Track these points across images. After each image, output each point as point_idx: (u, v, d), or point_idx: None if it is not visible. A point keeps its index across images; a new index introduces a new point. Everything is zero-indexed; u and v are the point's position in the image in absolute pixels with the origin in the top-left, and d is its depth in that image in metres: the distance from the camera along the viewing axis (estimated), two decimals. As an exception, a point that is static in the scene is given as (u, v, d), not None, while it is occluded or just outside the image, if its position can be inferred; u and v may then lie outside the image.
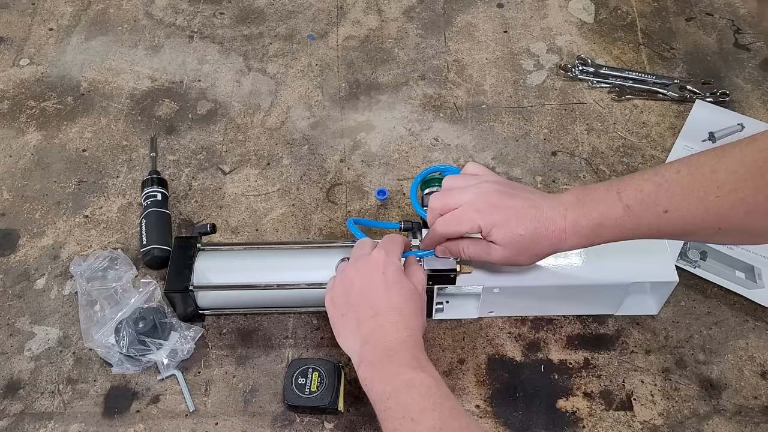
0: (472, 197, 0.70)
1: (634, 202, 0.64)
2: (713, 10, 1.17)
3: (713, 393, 0.79)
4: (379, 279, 0.69)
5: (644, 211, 0.64)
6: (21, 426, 0.78)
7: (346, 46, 1.14)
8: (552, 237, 0.68)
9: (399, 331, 0.66)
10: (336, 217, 0.95)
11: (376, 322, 0.66)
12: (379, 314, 0.67)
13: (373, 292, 0.68)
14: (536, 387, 0.80)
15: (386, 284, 0.68)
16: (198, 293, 0.81)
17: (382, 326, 0.66)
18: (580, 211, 0.67)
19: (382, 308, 0.67)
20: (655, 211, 0.63)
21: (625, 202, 0.65)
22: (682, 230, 0.64)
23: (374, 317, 0.67)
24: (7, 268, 0.91)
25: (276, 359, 0.83)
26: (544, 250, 0.70)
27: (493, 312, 0.84)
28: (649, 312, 0.84)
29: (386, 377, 0.62)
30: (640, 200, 0.64)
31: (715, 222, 0.62)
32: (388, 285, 0.68)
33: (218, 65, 1.12)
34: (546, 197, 0.70)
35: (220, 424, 0.78)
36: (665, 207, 0.63)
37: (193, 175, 0.99)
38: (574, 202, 0.67)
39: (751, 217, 0.60)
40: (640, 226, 0.65)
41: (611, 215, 0.65)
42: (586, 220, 0.66)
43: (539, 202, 0.69)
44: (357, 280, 0.70)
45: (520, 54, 1.12)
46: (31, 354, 0.84)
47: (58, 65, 1.13)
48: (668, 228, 0.64)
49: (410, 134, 1.03)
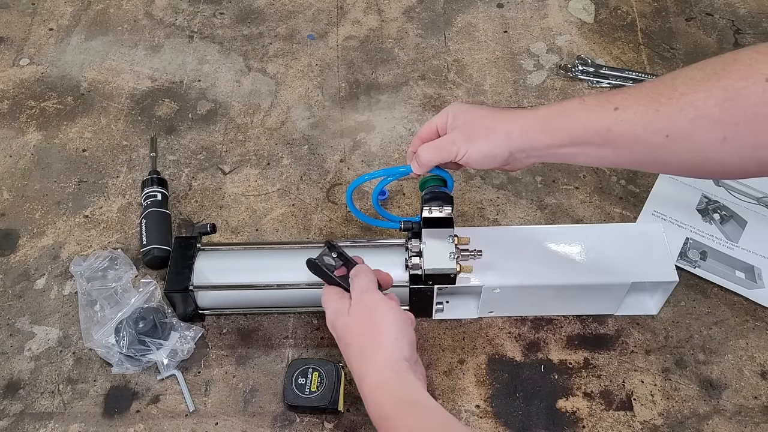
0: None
1: (589, 98, 0.66)
2: (713, 10, 1.17)
3: (713, 393, 0.79)
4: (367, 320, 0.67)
5: (597, 105, 0.65)
6: (21, 426, 0.78)
7: (346, 46, 1.14)
8: (509, 113, 0.71)
9: (360, 391, 0.64)
10: (336, 217, 0.95)
11: (359, 367, 0.65)
12: (358, 359, 0.66)
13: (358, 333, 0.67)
14: (536, 387, 0.80)
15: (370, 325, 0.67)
16: (198, 293, 0.81)
17: (364, 372, 0.64)
18: (538, 106, 0.70)
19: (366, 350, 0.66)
20: (607, 108, 0.64)
21: (583, 98, 0.67)
22: (631, 133, 0.62)
23: (358, 361, 0.66)
24: (7, 268, 0.91)
25: (276, 359, 0.83)
26: (500, 125, 0.70)
27: (493, 312, 0.84)
28: (649, 312, 0.84)
29: (374, 420, 0.62)
30: (596, 97, 0.66)
31: (663, 126, 0.60)
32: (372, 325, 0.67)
33: (218, 65, 1.12)
34: None
35: (220, 424, 0.78)
36: (617, 105, 0.63)
37: (193, 175, 0.99)
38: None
39: (698, 124, 0.58)
40: (591, 121, 0.65)
41: (566, 105, 0.67)
42: (541, 107, 0.70)
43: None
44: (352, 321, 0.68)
45: (520, 54, 1.12)
46: (31, 354, 0.84)
47: (58, 65, 1.13)
48: (618, 127, 0.63)
49: (410, 134, 1.03)
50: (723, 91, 0.56)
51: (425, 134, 0.76)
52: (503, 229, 0.89)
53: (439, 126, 0.75)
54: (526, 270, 0.80)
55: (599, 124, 0.64)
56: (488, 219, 0.93)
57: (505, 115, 0.71)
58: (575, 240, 0.82)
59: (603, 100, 0.64)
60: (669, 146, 0.61)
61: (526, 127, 0.69)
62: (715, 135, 0.57)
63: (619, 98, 0.63)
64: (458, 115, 0.73)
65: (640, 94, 0.62)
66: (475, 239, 0.79)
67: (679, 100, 0.59)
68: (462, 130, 0.72)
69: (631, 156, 0.65)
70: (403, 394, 0.61)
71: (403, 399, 0.60)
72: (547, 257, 0.81)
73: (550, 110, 0.69)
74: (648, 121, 0.61)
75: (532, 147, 0.69)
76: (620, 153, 0.65)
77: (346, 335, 0.67)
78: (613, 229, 0.84)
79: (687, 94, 0.59)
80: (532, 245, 0.82)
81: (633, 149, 0.64)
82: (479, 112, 0.72)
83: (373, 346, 0.64)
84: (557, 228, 0.84)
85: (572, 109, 0.66)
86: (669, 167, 0.66)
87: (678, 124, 0.59)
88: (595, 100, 0.65)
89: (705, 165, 0.61)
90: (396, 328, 0.65)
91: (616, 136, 0.63)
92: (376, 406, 0.61)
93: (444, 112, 0.74)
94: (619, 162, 0.67)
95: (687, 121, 0.59)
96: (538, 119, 0.69)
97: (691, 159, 0.61)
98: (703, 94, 0.58)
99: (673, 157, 0.62)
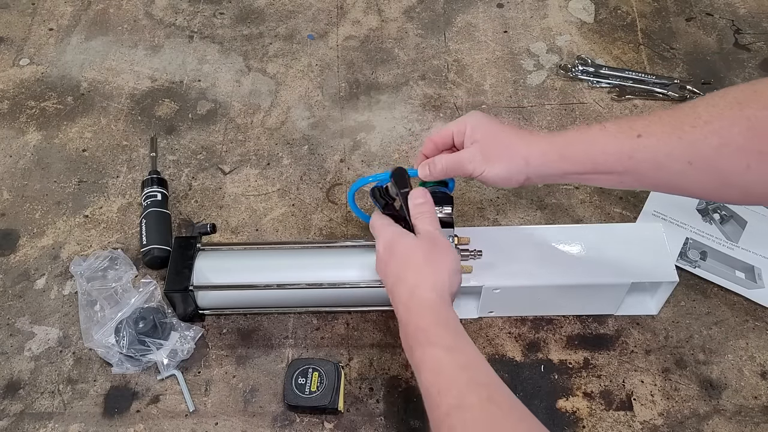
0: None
1: (611, 124, 0.67)
2: (713, 10, 1.17)
3: (713, 393, 0.79)
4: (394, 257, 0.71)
5: (619, 132, 0.65)
6: (21, 426, 0.78)
7: (346, 46, 1.14)
8: (527, 135, 0.71)
9: (403, 304, 0.67)
10: (336, 217, 0.95)
11: (413, 283, 0.68)
12: (391, 291, 0.69)
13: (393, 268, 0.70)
14: (536, 387, 0.80)
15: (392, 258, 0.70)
16: (198, 293, 0.81)
17: (396, 303, 0.68)
18: (561, 130, 0.71)
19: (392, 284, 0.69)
20: (630, 135, 0.64)
21: (603, 124, 0.67)
22: (654, 160, 0.63)
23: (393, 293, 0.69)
24: (7, 268, 0.91)
25: (276, 359, 0.83)
26: (519, 149, 0.70)
27: (493, 312, 0.84)
28: (649, 312, 0.84)
29: (408, 355, 0.64)
30: (617, 124, 0.66)
31: (686, 154, 0.61)
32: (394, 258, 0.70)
33: (218, 65, 1.12)
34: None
35: (220, 424, 0.78)
36: (640, 132, 0.64)
37: (193, 175, 0.99)
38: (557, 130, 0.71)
39: (722, 152, 0.59)
40: (612, 148, 0.65)
41: (588, 131, 0.67)
42: (564, 132, 0.71)
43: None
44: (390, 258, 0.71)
45: (520, 54, 1.12)
46: (31, 354, 0.84)
47: (58, 65, 1.13)
48: (640, 154, 0.64)
49: (410, 134, 1.03)
50: (747, 120, 0.58)
51: (439, 139, 0.76)
52: (503, 229, 0.88)
53: (456, 134, 0.74)
54: (526, 270, 0.79)
55: (621, 151, 0.65)
56: (488, 219, 0.93)
57: (524, 139, 0.70)
58: (575, 240, 0.82)
59: (625, 127, 0.65)
60: (691, 173, 0.62)
61: (545, 154, 0.69)
62: (738, 162, 0.59)
63: (641, 125, 0.64)
64: (477, 127, 0.72)
65: (662, 121, 0.63)
66: (475, 239, 0.79)
67: (702, 128, 0.60)
68: (480, 148, 0.72)
69: (651, 182, 0.67)
70: (443, 315, 0.64)
71: (442, 319, 0.64)
72: (547, 257, 0.81)
73: (570, 136, 0.69)
74: (671, 148, 0.62)
75: (550, 173, 0.70)
76: (641, 179, 0.66)
77: (408, 255, 0.69)
78: (613, 229, 0.84)
79: (710, 122, 0.60)
80: (532, 245, 0.82)
81: (654, 175, 0.65)
82: (498, 131, 0.72)
83: (432, 270, 0.67)
84: (557, 228, 0.84)
85: (593, 136, 0.67)
86: (690, 192, 0.66)
87: (701, 152, 0.60)
88: (617, 126, 0.66)
89: (727, 191, 0.63)
90: (454, 267, 0.69)
91: (637, 162, 0.64)
92: (417, 317, 0.64)
93: (462, 121, 0.74)
94: (637, 186, 0.69)
95: (711, 149, 0.60)
96: (557, 146, 0.69)
97: (713, 185, 0.62)
98: (726, 122, 0.59)
99: (695, 184, 0.63)
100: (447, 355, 0.60)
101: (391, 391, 0.80)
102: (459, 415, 0.56)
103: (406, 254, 0.69)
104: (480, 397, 0.57)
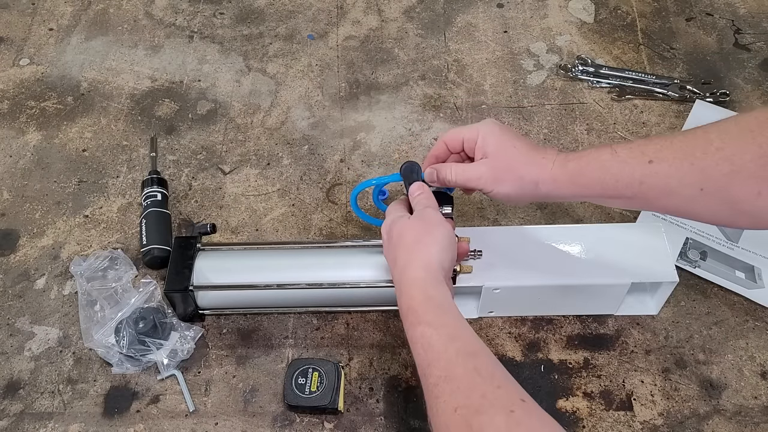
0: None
1: (621, 148, 0.67)
2: (713, 10, 1.17)
3: (713, 393, 0.79)
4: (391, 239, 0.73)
5: (630, 157, 0.66)
6: (21, 426, 0.78)
7: (346, 46, 1.14)
8: (539, 159, 0.70)
9: (396, 284, 0.68)
10: (336, 217, 0.95)
11: (403, 263, 0.69)
12: (391, 273, 0.71)
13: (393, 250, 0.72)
14: (536, 387, 0.80)
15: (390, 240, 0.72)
16: (198, 293, 0.81)
17: (406, 266, 0.69)
18: (572, 152, 0.71)
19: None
20: (641, 160, 0.65)
21: (614, 148, 0.67)
22: (665, 186, 0.64)
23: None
24: (7, 268, 0.91)
25: (276, 359, 0.83)
26: (529, 173, 0.71)
27: (493, 312, 0.84)
28: (649, 312, 0.84)
29: (407, 335, 0.65)
30: (628, 148, 0.66)
31: (697, 180, 0.62)
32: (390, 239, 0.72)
33: (218, 65, 1.12)
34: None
35: (220, 424, 0.78)
36: (651, 157, 0.64)
37: (193, 175, 0.99)
38: (570, 152, 0.72)
39: (734, 179, 0.60)
40: (623, 173, 0.66)
41: (598, 156, 0.68)
42: (575, 156, 0.70)
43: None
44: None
45: (520, 54, 1.12)
46: (31, 354, 0.84)
47: (58, 65, 1.13)
48: (651, 180, 0.64)
49: (410, 134, 1.03)
50: (759, 147, 0.58)
51: (451, 142, 0.76)
52: (503, 229, 0.88)
53: (466, 140, 0.74)
54: (526, 270, 0.79)
55: (632, 176, 0.65)
56: (488, 219, 0.93)
57: (535, 162, 0.70)
58: (575, 240, 0.82)
59: (636, 152, 0.65)
60: (702, 199, 0.62)
61: (555, 179, 0.70)
62: (750, 189, 0.59)
63: (653, 150, 0.64)
64: (489, 140, 0.72)
65: (673, 146, 0.64)
66: (475, 239, 0.79)
67: (714, 154, 0.60)
68: (489, 166, 0.72)
69: (661, 206, 0.67)
70: (433, 293, 0.65)
71: (432, 297, 0.65)
72: (547, 257, 0.81)
73: (581, 161, 0.69)
74: (683, 174, 0.62)
75: (559, 196, 0.71)
76: (650, 204, 0.67)
77: (400, 236, 0.70)
78: (613, 229, 0.84)
79: (722, 149, 0.60)
80: (532, 245, 0.82)
81: (664, 201, 0.65)
82: (510, 148, 0.72)
83: (421, 248, 0.68)
84: (557, 228, 0.84)
85: (604, 162, 0.67)
86: (699, 218, 0.67)
87: (713, 178, 0.61)
88: (628, 151, 0.66)
89: (737, 218, 0.63)
90: (445, 242, 0.69)
91: (648, 188, 0.65)
92: (407, 298, 0.65)
93: (475, 129, 0.74)
94: (646, 209, 0.69)
95: (722, 176, 0.60)
96: (569, 172, 0.69)
97: (723, 212, 0.63)
98: (738, 149, 0.59)
99: (705, 210, 0.64)
100: (435, 331, 0.62)
101: (391, 391, 0.80)
102: (445, 385, 0.58)
103: (398, 236, 0.71)
104: (466, 368, 0.59)
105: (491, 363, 0.59)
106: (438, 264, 0.67)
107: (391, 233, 0.72)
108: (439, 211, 0.73)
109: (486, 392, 0.56)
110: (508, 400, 0.55)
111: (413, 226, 0.71)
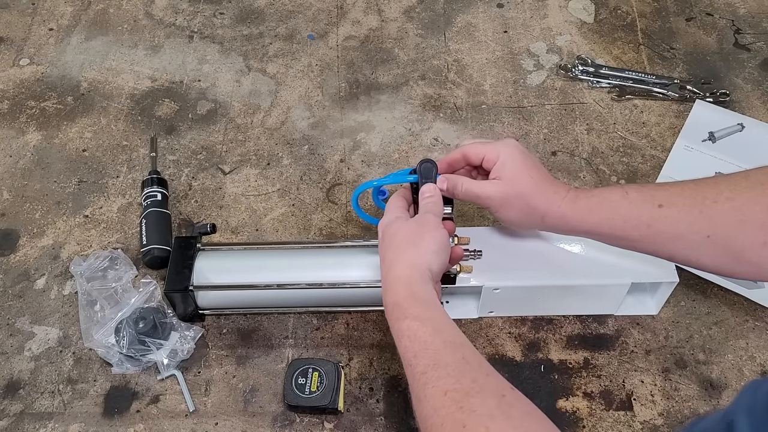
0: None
1: (632, 191, 0.68)
2: (713, 10, 1.17)
3: (713, 393, 0.79)
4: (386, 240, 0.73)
5: (640, 201, 0.67)
6: (21, 426, 0.78)
7: (346, 46, 1.14)
8: (551, 194, 0.71)
9: (383, 281, 0.69)
10: (336, 217, 0.95)
11: (392, 260, 0.69)
12: (393, 255, 0.71)
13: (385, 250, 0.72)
14: (536, 387, 0.80)
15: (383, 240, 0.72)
16: (198, 293, 0.81)
17: (394, 264, 0.69)
18: (583, 189, 0.72)
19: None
20: (651, 204, 0.66)
21: (625, 189, 0.68)
22: (673, 230, 0.65)
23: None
24: (7, 268, 0.91)
25: (276, 359, 0.83)
26: (538, 205, 0.71)
27: (493, 312, 0.84)
28: (649, 312, 0.84)
29: (392, 332, 0.66)
30: (639, 191, 0.68)
31: (705, 227, 0.63)
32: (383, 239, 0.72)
33: (218, 65, 1.12)
34: None
35: (220, 424, 0.78)
36: (661, 201, 0.65)
37: (193, 175, 0.99)
38: (581, 189, 0.73)
39: (742, 228, 0.61)
40: (632, 215, 0.67)
41: (609, 196, 0.69)
42: (585, 194, 0.71)
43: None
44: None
45: (520, 54, 1.12)
46: (31, 354, 0.84)
47: (58, 65, 1.13)
48: (659, 224, 0.65)
49: (410, 134, 1.03)
50: None
51: (473, 156, 0.75)
52: (503, 229, 0.88)
53: (486, 158, 0.74)
54: (526, 270, 0.79)
55: (640, 219, 0.66)
56: (488, 219, 0.93)
57: (546, 195, 0.71)
58: (575, 240, 0.82)
59: (647, 195, 0.67)
60: (708, 246, 0.63)
61: (563, 216, 0.70)
62: (756, 239, 0.61)
63: (663, 195, 0.66)
64: (507, 164, 0.72)
65: (683, 193, 0.65)
66: (475, 239, 0.79)
67: (724, 203, 0.62)
68: (501, 190, 0.72)
69: (666, 251, 0.68)
70: (418, 291, 0.65)
71: (417, 294, 0.65)
72: (547, 257, 0.81)
73: (591, 200, 0.70)
74: (691, 220, 0.63)
75: (565, 231, 0.72)
76: (656, 248, 0.68)
77: (393, 236, 0.71)
78: (613, 229, 0.84)
79: (732, 199, 0.62)
80: (532, 245, 0.82)
81: (670, 246, 0.66)
82: (525, 177, 0.71)
83: (410, 248, 0.69)
84: (557, 228, 0.84)
85: (615, 203, 0.68)
86: (703, 266, 0.67)
87: (721, 226, 0.62)
88: (639, 194, 0.67)
89: (740, 267, 0.64)
90: (437, 246, 0.69)
91: (655, 232, 0.66)
92: (393, 294, 0.66)
93: (495, 150, 0.73)
94: (650, 254, 0.70)
95: (731, 224, 0.62)
96: (578, 211, 0.70)
97: (727, 260, 0.64)
98: (748, 200, 0.61)
99: (710, 258, 0.65)
100: (421, 324, 0.62)
101: (391, 391, 0.80)
102: (433, 372, 0.58)
103: (391, 236, 0.71)
104: (455, 356, 0.59)
105: (478, 355, 0.61)
106: (426, 265, 0.67)
107: (386, 232, 0.72)
108: (440, 219, 0.73)
109: (477, 378, 0.57)
110: (498, 386, 0.57)
111: (408, 228, 0.71)
